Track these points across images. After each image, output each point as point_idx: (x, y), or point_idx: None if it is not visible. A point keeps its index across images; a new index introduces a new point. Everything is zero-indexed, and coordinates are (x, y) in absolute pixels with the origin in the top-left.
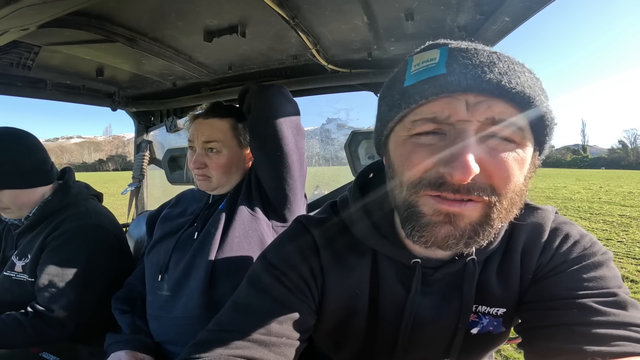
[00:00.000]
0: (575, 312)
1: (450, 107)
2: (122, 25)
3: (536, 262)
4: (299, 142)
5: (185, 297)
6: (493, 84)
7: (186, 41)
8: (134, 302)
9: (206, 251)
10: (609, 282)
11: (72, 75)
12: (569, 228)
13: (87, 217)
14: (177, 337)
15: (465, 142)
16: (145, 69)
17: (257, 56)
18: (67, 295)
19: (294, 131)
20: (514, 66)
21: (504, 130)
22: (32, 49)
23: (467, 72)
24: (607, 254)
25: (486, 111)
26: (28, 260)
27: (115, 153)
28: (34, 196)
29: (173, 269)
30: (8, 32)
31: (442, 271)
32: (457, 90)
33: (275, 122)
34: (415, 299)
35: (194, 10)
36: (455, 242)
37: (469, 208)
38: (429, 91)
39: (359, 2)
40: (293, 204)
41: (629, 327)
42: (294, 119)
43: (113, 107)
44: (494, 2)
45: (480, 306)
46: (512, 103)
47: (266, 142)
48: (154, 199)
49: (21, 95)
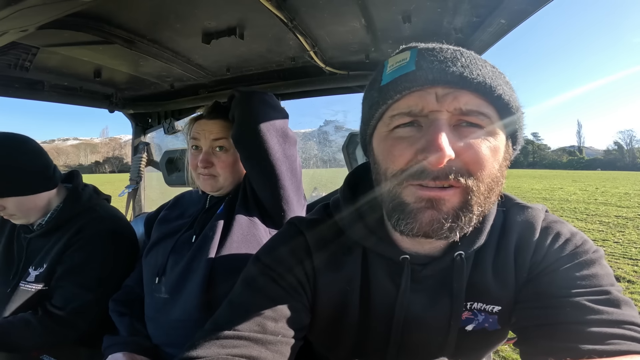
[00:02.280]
0: (569, 311)
1: (422, 100)
2: (120, 27)
3: (530, 260)
4: (288, 150)
5: (183, 300)
6: (456, 76)
7: (184, 43)
8: (132, 304)
9: (204, 254)
10: (601, 280)
11: (70, 77)
12: (560, 227)
13: (105, 222)
14: (175, 340)
15: (438, 129)
16: (143, 70)
17: (255, 58)
18: (82, 296)
19: (280, 140)
20: (475, 60)
21: (471, 118)
22: (30, 50)
23: (433, 67)
24: (598, 252)
25: (453, 102)
26: (43, 269)
27: (112, 155)
28: (39, 201)
29: (170, 272)
30: (7, 33)
31: (431, 267)
32: (426, 83)
33: (260, 133)
34: (405, 296)
35: (192, 13)
36: (440, 226)
37: (450, 193)
38: (401, 86)
39: (357, 5)
40: (288, 211)
41: (623, 325)
42: (279, 126)
43: (110, 108)
44: (490, 5)
45: (476, 303)
46: (476, 93)
47: (252, 152)
48: (151, 201)
49: (19, 96)
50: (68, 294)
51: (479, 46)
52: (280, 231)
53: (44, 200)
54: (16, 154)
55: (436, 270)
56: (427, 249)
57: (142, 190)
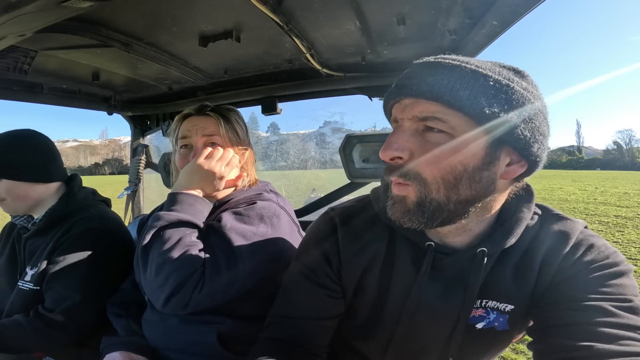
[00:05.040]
0: (590, 313)
1: (396, 110)
2: (117, 30)
3: (556, 267)
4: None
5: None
6: (414, 89)
7: (182, 46)
8: (129, 306)
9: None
10: (626, 290)
11: (68, 80)
12: (595, 240)
13: (94, 221)
14: (171, 343)
15: (395, 131)
16: (141, 73)
17: (253, 60)
18: (70, 297)
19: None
20: (441, 69)
21: (429, 123)
22: (29, 53)
23: (402, 82)
24: (628, 266)
25: (412, 110)
26: (37, 269)
27: (111, 157)
28: (31, 192)
29: None
30: (5, 38)
31: (453, 257)
32: (398, 96)
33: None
34: (424, 280)
35: (188, 16)
36: (409, 217)
37: (408, 189)
38: (388, 99)
39: (351, 7)
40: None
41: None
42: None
43: (109, 111)
44: (482, 7)
45: (490, 301)
46: (434, 101)
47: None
48: (150, 203)
49: (18, 99)
50: (57, 296)
51: (473, 47)
52: (317, 220)
53: (37, 193)
54: (23, 142)
55: (457, 261)
56: (453, 242)
57: (141, 192)
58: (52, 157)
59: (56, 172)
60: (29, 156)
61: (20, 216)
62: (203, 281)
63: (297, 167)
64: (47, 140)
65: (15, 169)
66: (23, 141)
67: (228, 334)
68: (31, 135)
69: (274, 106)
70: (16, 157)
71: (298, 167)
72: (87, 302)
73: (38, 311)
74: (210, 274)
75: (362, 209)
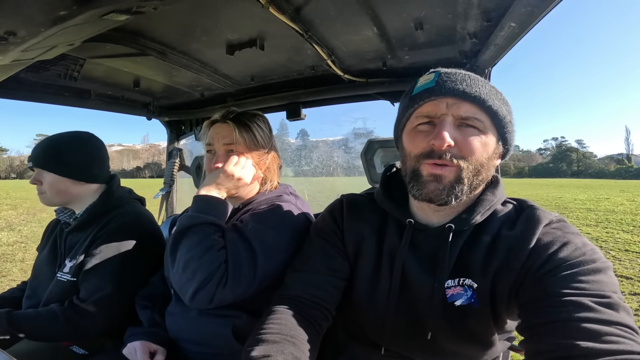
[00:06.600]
0: (571, 309)
1: (436, 107)
2: (153, 39)
3: (527, 255)
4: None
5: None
6: (460, 92)
7: (211, 54)
8: (155, 298)
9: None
10: (604, 287)
11: (113, 86)
12: (573, 237)
13: (128, 217)
14: (189, 335)
15: (444, 126)
16: (176, 80)
17: (277, 67)
18: (102, 289)
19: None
20: (477, 81)
21: (469, 121)
22: (78, 61)
23: (446, 85)
24: (606, 263)
25: (457, 109)
26: (76, 261)
27: (151, 161)
28: (71, 189)
29: None
30: (57, 47)
31: (426, 232)
32: (440, 95)
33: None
34: (404, 249)
35: (215, 26)
36: (439, 193)
37: (448, 170)
38: (424, 96)
39: (367, 14)
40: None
41: (620, 326)
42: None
43: (148, 116)
44: (499, 9)
45: (467, 279)
46: (473, 104)
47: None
48: (183, 204)
49: (68, 104)
50: (91, 287)
51: (495, 50)
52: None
53: (76, 191)
54: (78, 143)
55: (428, 237)
56: (430, 220)
57: (175, 194)
58: (100, 161)
59: (100, 174)
60: (80, 157)
61: (64, 212)
62: (227, 278)
63: (331, 174)
64: (99, 145)
65: (63, 166)
66: (78, 142)
67: (243, 328)
68: (87, 138)
69: (298, 112)
70: (68, 155)
71: (331, 173)
72: (117, 294)
73: (72, 301)
74: (233, 271)
75: (365, 197)
